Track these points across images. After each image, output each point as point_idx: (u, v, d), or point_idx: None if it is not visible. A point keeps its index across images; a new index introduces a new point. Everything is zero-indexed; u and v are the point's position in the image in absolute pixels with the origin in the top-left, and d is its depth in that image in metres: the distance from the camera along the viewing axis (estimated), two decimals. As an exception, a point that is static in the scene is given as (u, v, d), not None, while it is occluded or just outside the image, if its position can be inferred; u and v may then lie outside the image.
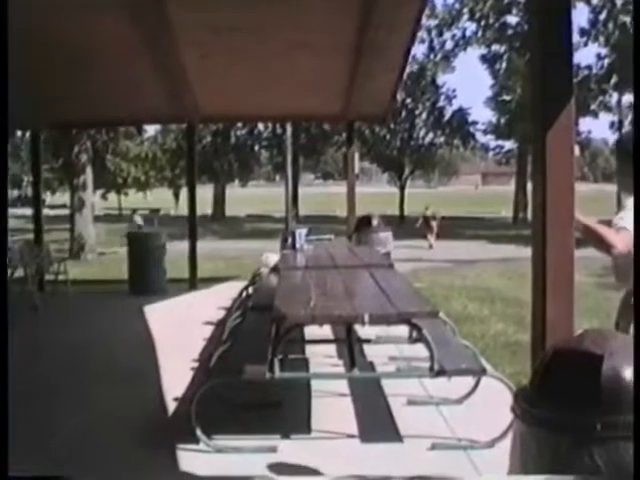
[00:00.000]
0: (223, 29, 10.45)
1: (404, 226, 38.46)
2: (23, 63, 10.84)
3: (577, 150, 4.78)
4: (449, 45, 51.87)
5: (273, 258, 12.34)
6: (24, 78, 11.55)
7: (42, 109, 14.47)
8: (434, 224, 33.57)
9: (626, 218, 5.17)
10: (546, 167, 4.54)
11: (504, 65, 52.46)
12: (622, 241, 5.09)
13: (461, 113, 55.24)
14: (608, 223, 5.27)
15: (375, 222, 15.07)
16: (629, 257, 5.09)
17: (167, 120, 24.20)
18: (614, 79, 47.66)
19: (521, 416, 3.97)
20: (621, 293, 5.34)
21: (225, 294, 14.08)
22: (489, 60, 53.09)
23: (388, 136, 53.72)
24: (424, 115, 54.96)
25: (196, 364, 9.39)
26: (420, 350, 6.97)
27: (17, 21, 8.98)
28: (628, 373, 3.66)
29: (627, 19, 43.54)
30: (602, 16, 45.86)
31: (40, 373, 9.26)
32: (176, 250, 18.35)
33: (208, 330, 11.49)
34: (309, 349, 9.23)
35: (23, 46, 10.20)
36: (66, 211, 31.44)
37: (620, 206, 5.30)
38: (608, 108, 52.33)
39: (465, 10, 48.98)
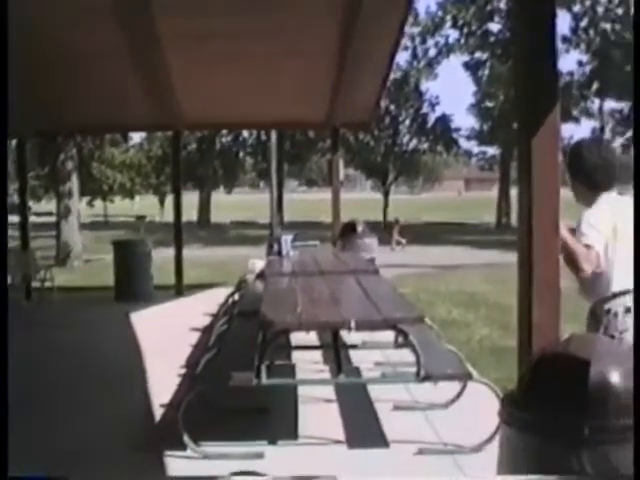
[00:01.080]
0: (208, 36, 10.47)
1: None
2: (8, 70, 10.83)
3: (559, 156, 4.82)
4: (432, 52, 52.02)
5: (259, 264, 12.35)
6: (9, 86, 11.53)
7: (27, 117, 14.45)
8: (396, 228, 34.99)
9: (590, 234, 5.26)
10: (531, 172, 4.56)
11: (487, 72, 52.59)
12: (590, 264, 5.20)
13: (444, 119, 55.34)
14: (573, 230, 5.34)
15: (360, 228, 15.10)
16: (593, 276, 5.18)
17: (152, 127, 24.17)
18: (595, 85, 47.91)
19: (508, 421, 4.04)
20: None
21: (211, 300, 14.07)
22: (472, 67, 53.19)
23: (372, 143, 53.80)
24: (408, 122, 55.08)
25: (183, 370, 9.40)
26: (406, 355, 7.00)
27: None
28: (615, 377, 3.74)
29: (608, 26, 43.81)
30: (583, 23, 46.05)
31: (26, 379, 9.23)
32: (162, 257, 18.36)
33: (194, 336, 11.50)
34: (295, 355, 9.25)
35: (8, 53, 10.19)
36: (52, 218, 31.34)
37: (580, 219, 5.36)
38: (590, 114, 52.57)
39: (448, 18, 49.07)
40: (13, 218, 16.84)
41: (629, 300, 5.37)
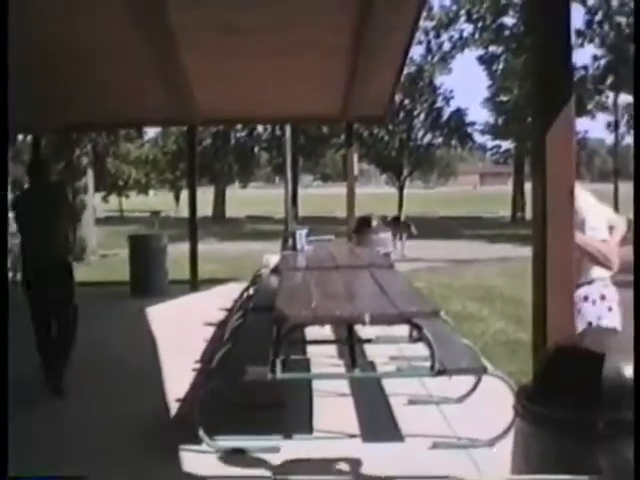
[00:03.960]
0: (222, 30, 10.46)
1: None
2: (23, 66, 10.87)
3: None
4: (446, 46, 51.88)
5: (273, 259, 12.36)
6: (24, 81, 11.57)
7: (43, 113, 14.49)
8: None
9: (600, 227, 5.35)
10: (546, 166, 4.56)
11: (501, 66, 52.54)
12: (617, 257, 5.33)
13: (459, 114, 55.22)
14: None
15: (375, 223, 15.11)
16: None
17: (168, 122, 24.22)
18: (610, 79, 47.79)
19: (523, 414, 4.03)
20: None
21: (226, 295, 14.10)
22: (486, 61, 53.18)
23: (386, 137, 53.69)
24: (422, 116, 54.93)
25: (198, 365, 9.42)
26: (420, 349, 6.99)
27: (16, 23, 9.01)
28: (629, 371, 3.73)
29: (622, 20, 43.61)
30: (598, 17, 45.91)
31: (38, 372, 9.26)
32: (177, 252, 18.38)
33: (209, 331, 11.52)
34: (310, 349, 9.25)
35: (22, 49, 10.22)
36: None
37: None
38: (605, 108, 52.52)
39: (462, 12, 49.03)
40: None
41: (603, 287, 5.48)
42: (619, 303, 5.90)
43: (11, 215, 9.61)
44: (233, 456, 6.34)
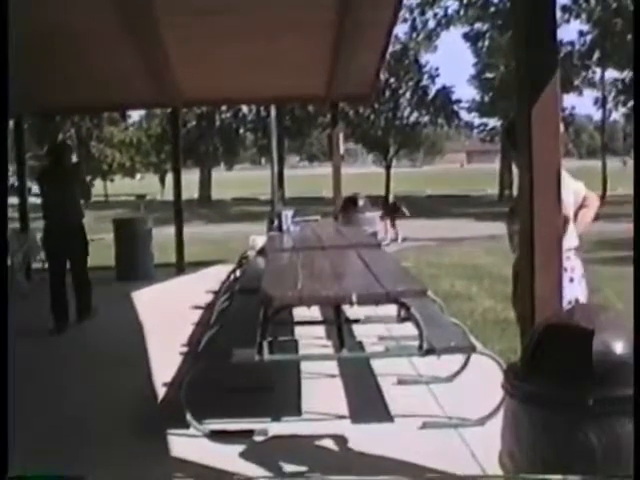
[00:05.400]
0: (205, 11, 10.38)
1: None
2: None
3: (561, 126, 4.80)
4: (431, 24, 51.70)
5: (260, 240, 12.32)
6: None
7: (24, 96, 14.37)
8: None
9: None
10: (532, 141, 4.52)
11: (487, 43, 52.48)
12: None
13: (445, 92, 55.27)
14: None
15: (361, 202, 15.06)
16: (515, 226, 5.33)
17: (151, 105, 24.10)
18: (597, 55, 47.79)
19: (512, 393, 3.99)
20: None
21: (213, 278, 14.05)
22: (471, 38, 53.10)
23: (372, 116, 53.73)
24: (408, 94, 55.01)
25: (185, 348, 9.38)
26: (409, 329, 6.96)
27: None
28: (619, 347, 3.69)
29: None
30: (584, -8, 45.87)
31: (31, 359, 9.21)
32: (163, 235, 18.31)
33: (196, 314, 11.48)
34: (298, 331, 9.21)
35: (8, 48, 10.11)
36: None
37: None
38: (592, 84, 52.50)
39: (447, -12, 48.94)
40: (12, 200, 16.68)
41: (564, 260, 5.53)
42: (582, 275, 6.08)
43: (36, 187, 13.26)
44: (221, 439, 6.30)
